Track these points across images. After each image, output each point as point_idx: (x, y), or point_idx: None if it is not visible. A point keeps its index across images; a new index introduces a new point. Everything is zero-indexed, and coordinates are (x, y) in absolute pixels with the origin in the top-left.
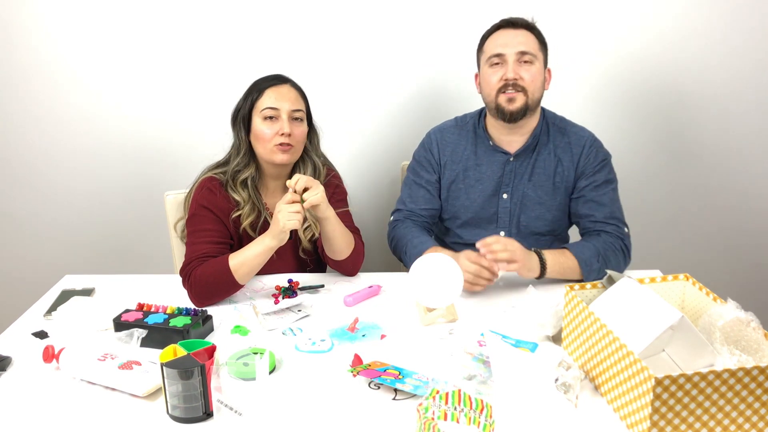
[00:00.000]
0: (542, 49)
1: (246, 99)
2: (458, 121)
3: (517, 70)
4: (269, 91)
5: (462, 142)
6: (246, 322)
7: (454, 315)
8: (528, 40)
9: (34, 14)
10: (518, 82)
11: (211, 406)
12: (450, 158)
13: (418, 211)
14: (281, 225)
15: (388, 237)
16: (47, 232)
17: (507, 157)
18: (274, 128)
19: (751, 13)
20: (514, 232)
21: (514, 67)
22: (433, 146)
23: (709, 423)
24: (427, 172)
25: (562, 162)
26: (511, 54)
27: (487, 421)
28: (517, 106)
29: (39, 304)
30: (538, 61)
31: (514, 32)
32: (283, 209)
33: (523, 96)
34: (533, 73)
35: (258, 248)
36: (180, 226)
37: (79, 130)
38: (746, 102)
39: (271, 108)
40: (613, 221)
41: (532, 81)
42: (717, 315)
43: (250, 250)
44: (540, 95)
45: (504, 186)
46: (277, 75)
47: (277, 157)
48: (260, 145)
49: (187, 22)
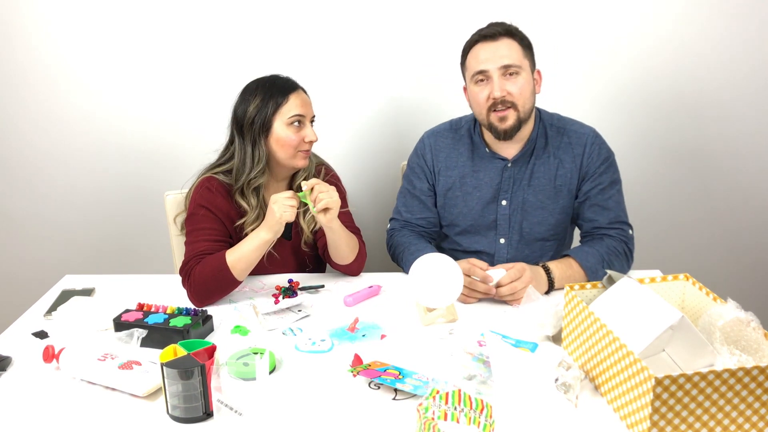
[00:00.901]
0: (527, 54)
1: (264, 104)
2: (453, 125)
3: (503, 86)
4: (294, 98)
5: (458, 147)
6: (246, 322)
7: (454, 315)
8: (510, 50)
9: (34, 14)
10: (506, 98)
11: (211, 406)
12: (445, 164)
13: (413, 220)
14: (277, 216)
15: (387, 245)
16: (47, 232)
17: (505, 163)
18: (300, 135)
19: (753, 14)
20: (515, 239)
21: (499, 83)
22: (427, 152)
23: (709, 423)
24: (420, 181)
25: (564, 163)
26: (495, 70)
27: (487, 421)
28: (509, 124)
29: (39, 304)
30: (523, 71)
31: (493, 45)
32: (279, 200)
33: (513, 111)
34: (521, 86)
35: (254, 242)
36: (179, 220)
37: (79, 130)
38: (746, 102)
39: (299, 115)
40: (618, 225)
41: (521, 94)
42: (717, 315)
43: (246, 245)
44: (531, 104)
45: (503, 192)
46: (288, 79)
47: (300, 163)
48: (283, 150)
49: (187, 22)
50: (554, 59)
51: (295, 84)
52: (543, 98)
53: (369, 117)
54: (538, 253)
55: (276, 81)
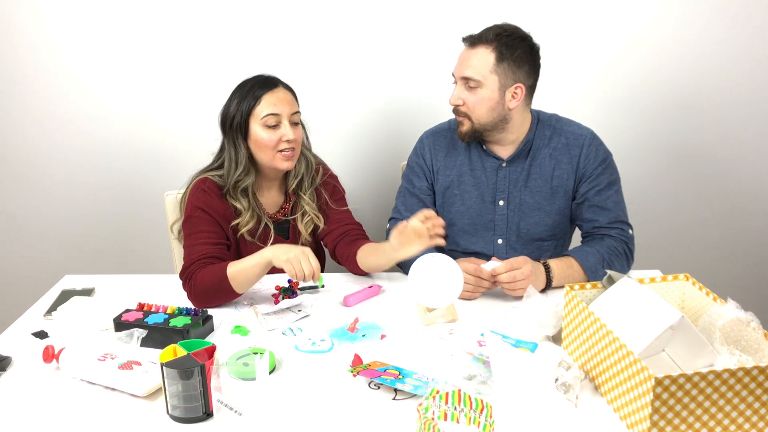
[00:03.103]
0: (502, 67)
1: (239, 105)
2: (451, 124)
3: (461, 95)
4: (267, 97)
5: (456, 146)
6: (246, 322)
7: (454, 315)
8: (479, 61)
9: (35, 14)
10: (460, 108)
11: (211, 406)
12: (444, 163)
13: None
14: (289, 255)
15: None
16: (47, 232)
17: (499, 162)
18: (276, 135)
19: (754, 14)
20: (513, 239)
21: (458, 92)
22: (426, 151)
23: (709, 423)
24: (419, 179)
25: (560, 164)
26: (458, 77)
27: (487, 421)
28: (462, 130)
29: (39, 304)
30: (484, 87)
31: (468, 52)
32: (305, 255)
33: (468, 121)
34: (476, 99)
35: (256, 259)
36: (176, 228)
37: (79, 130)
38: (745, 103)
39: (273, 115)
40: (618, 225)
41: (474, 107)
42: (717, 315)
43: (248, 261)
44: (491, 118)
45: (499, 192)
46: (267, 77)
47: (282, 165)
48: (262, 152)
49: (186, 23)
50: (555, 61)
51: (272, 82)
52: (544, 99)
53: (368, 117)
54: (536, 253)
55: (255, 81)
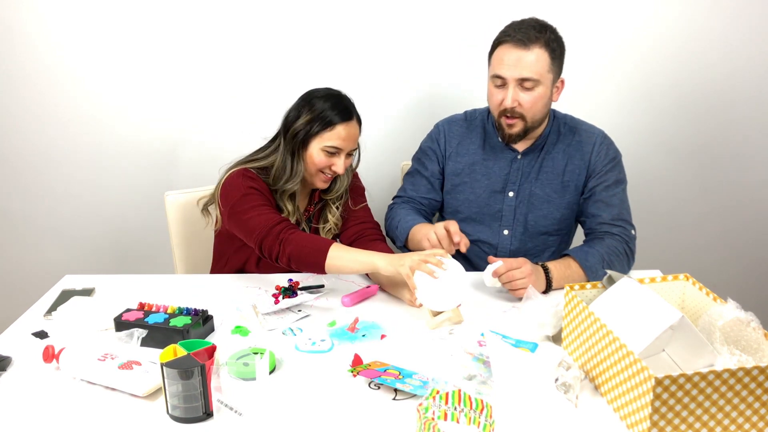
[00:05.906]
0: (554, 64)
1: (309, 124)
2: (467, 116)
3: (516, 97)
4: (339, 130)
5: (470, 136)
6: (246, 322)
7: (460, 317)
8: (536, 62)
9: (35, 14)
10: (516, 110)
11: (211, 406)
12: (456, 150)
13: (418, 198)
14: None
15: (385, 219)
16: (47, 232)
17: (515, 154)
18: (329, 161)
19: (753, 14)
20: (519, 230)
21: (513, 93)
22: (441, 137)
23: (709, 423)
24: (431, 162)
25: (573, 159)
26: (512, 79)
27: (487, 421)
28: (515, 131)
29: (39, 304)
30: (541, 84)
31: (521, 53)
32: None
33: (521, 121)
34: (533, 98)
35: (364, 256)
36: (203, 202)
37: (79, 130)
38: (747, 104)
39: (336, 147)
40: (620, 223)
41: (531, 106)
42: (717, 315)
43: (356, 252)
44: (543, 114)
45: (510, 184)
46: (345, 104)
47: (319, 184)
48: (308, 167)
49: (188, 23)
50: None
51: (347, 112)
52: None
53: (368, 117)
54: (541, 247)
55: (331, 103)
